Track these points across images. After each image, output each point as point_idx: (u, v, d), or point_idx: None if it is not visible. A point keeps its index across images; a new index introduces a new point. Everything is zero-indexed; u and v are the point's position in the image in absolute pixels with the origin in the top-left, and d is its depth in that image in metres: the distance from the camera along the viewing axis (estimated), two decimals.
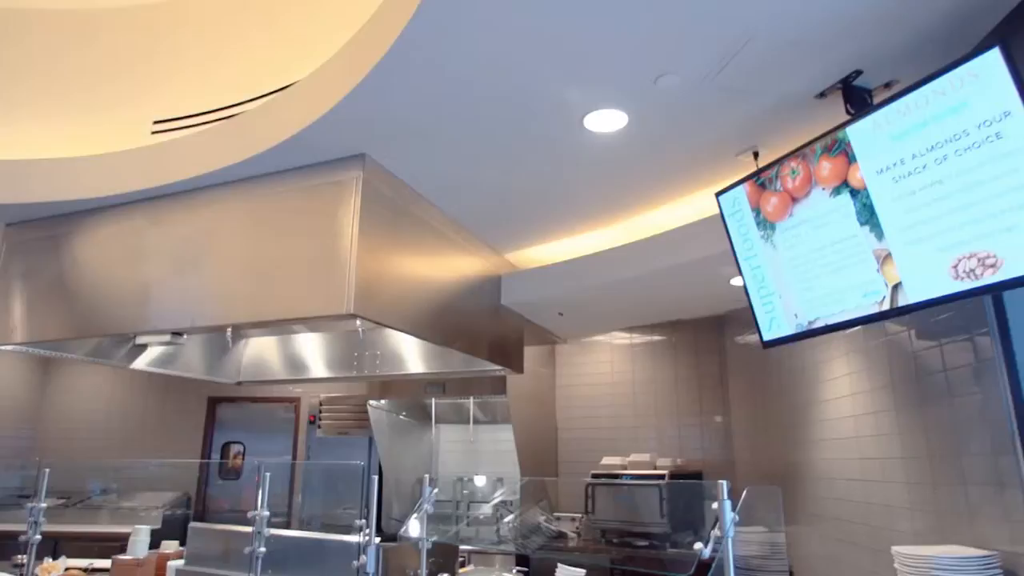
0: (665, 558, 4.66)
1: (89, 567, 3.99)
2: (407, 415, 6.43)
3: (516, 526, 5.23)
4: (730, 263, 3.63)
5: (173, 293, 3.35)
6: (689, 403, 6.03)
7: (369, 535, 2.89)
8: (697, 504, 5.45)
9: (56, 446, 7.65)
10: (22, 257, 3.91)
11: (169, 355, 4.73)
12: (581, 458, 6.25)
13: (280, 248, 3.11)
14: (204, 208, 3.40)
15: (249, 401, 7.52)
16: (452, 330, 3.77)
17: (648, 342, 6.29)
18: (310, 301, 2.95)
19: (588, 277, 4.15)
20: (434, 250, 3.66)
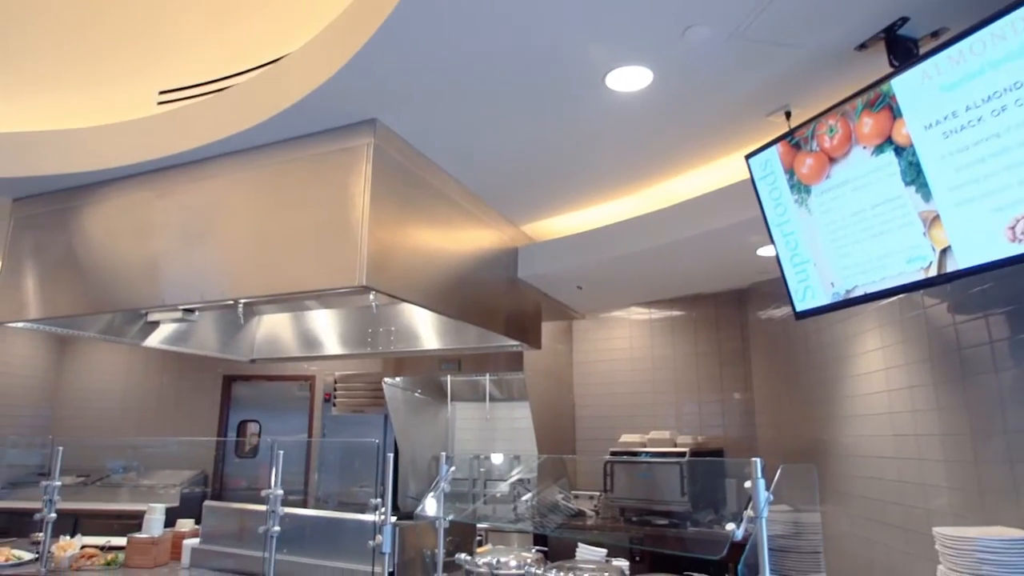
0: (695, 538, 4.55)
1: (106, 545, 3.95)
2: (422, 392, 6.35)
3: (534, 504, 5.15)
4: (758, 232, 3.49)
5: (181, 267, 3.25)
6: (709, 380, 5.91)
7: (385, 514, 2.81)
8: (719, 482, 5.35)
9: (73, 424, 7.69)
10: (30, 232, 3.83)
11: (182, 333, 4.67)
12: (599, 436, 6.17)
13: (289, 219, 3.00)
14: (211, 179, 3.29)
15: (264, 379, 7.50)
16: (468, 304, 3.65)
17: (667, 317, 6.16)
18: (321, 273, 2.84)
19: (608, 248, 4.00)
20: (448, 221, 3.54)
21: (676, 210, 3.69)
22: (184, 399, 7.63)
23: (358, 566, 3.18)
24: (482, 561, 3.11)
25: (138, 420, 7.60)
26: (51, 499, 3.73)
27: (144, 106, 3.67)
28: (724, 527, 4.74)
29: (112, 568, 3.67)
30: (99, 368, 7.82)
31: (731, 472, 5.42)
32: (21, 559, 3.81)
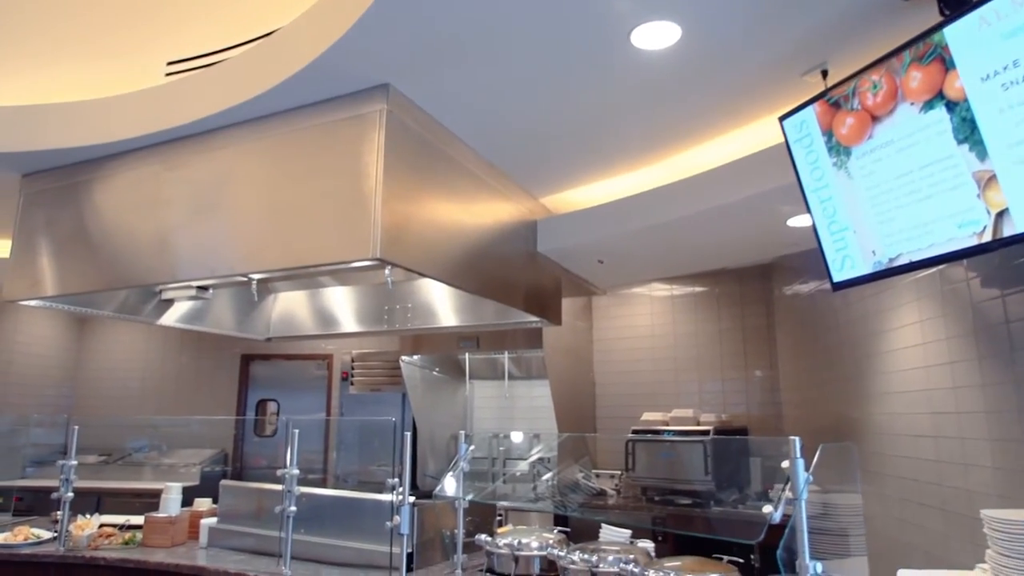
0: (728, 519, 4.44)
1: (125, 523, 3.93)
2: (440, 371, 6.28)
3: (554, 484, 5.07)
4: (789, 200, 3.33)
5: (191, 242, 3.17)
6: (733, 357, 5.77)
7: (403, 494, 2.72)
8: (743, 461, 5.24)
9: (94, 404, 7.73)
10: (40, 209, 3.76)
11: (197, 311, 4.61)
12: (619, 414, 6.07)
13: (300, 190, 2.89)
14: (220, 151, 3.19)
15: (281, 359, 7.48)
16: (486, 278, 3.53)
17: (689, 293, 6.01)
18: (334, 246, 2.73)
19: (631, 220, 3.86)
20: (465, 192, 3.41)
21: (702, 179, 3.53)
22: (203, 379, 7.64)
23: (376, 546, 3.11)
24: (503, 542, 3.02)
25: (157, 399, 7.62)
26: (67, 478, 3.71)
27: (152, 78, 3.57)
28: (751, 507, 4.63)
29: (130, 547, 3.64)
30: (118, 348, 7.85)
31: (755, 451, 5.31)
32: (40, 538, 3.80)
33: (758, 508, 4.57)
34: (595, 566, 2.61)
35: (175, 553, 3.50)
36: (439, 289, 4.54)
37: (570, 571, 2.70)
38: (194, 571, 3.22)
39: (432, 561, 3.24)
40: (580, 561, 2.66)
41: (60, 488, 3.69)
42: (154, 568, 3.32)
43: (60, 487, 3.70)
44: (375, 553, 3.10)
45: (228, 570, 3.13)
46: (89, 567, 3.45)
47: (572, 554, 2.72)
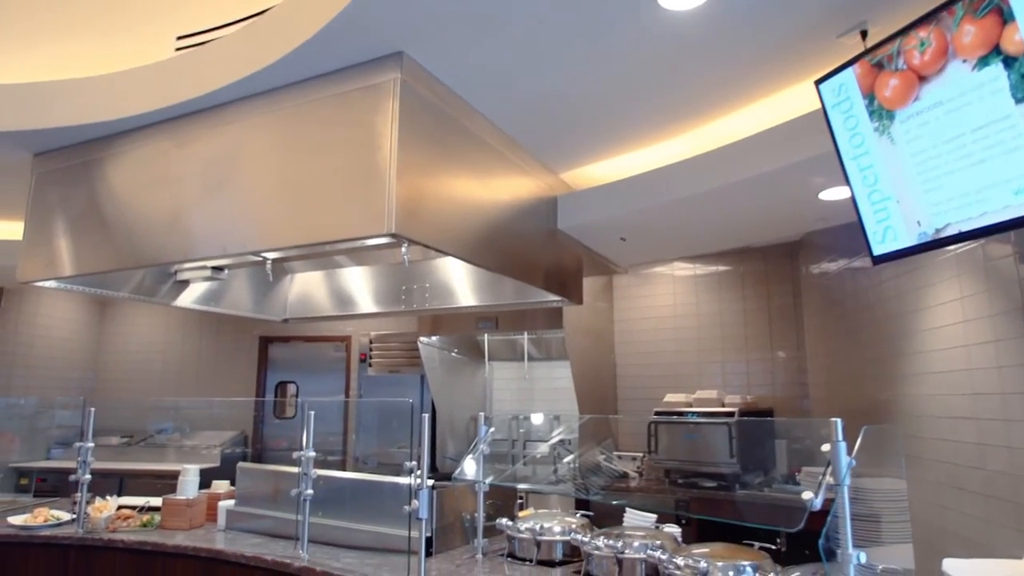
0: (764, 505, 4.33)
1: (145, 505, 3.90)
2: (459, 352, 6.20)
3: (576, 466, 4.99)
4: (822, 171, 3.18)
5: (201, 220, 3.09)
6: (758, 337, 5.63)
7: (421, 477, 2.64)
8: (768, 444, 5.12)
9: (114, 386, 7.78)
10: (52, 188, 3.71)
11: (214, 292, 4.56)
12: (641, 396, 5.97)
13: (312, 164, 2.79)
14: (230, 125, 3.10)
15: (300, 340, 7.46)
16: (505, 256, 3.42)
17: (713, 273, 5.86)
18: (347, 221, 2.63)
19: (654, 194, 3.72)
20: (484, 167, 3.29)
21: (730, 150, 3.39)
22: (222, 361, 7.64)
23: (395, 530, 3.05)
24: (524, 527, 2.94)
25: (177, 382, 7.65)
26: (84, 460, 3.69)
27: (162, 53, 3.48)
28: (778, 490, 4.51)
29: (148, 529, 3.61)
30: (139, 331, 7.87)
31: (781, 433, 5.19)
32: (59, 520, 3.78)
33: (785, 491, 4.49)
34: (620, 552, 2.52)
35: (193, 536, 3.47)
36: (457, 268, 4.45)
37: (594, 557, 2.61)
38: (211, 554, 3.18)
39: (452, 545, 3.17)
40: (605, 547, 2.57)
41: (78, 470, 3.67)
42: (171, 551, 3.28)
43: (77, 469, 3.67)
44: (394, 537, 3.04)
45: (245, 553, 3.08)
46: (107, 549, 3.43)
47: (596, 539, 2.63)
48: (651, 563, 2.45)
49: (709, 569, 2.18)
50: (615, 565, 2.53)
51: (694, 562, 2.21)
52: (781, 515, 4.18)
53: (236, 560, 3.09)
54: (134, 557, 3.37)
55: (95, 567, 3.44)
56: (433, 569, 2.79)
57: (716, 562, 2.23)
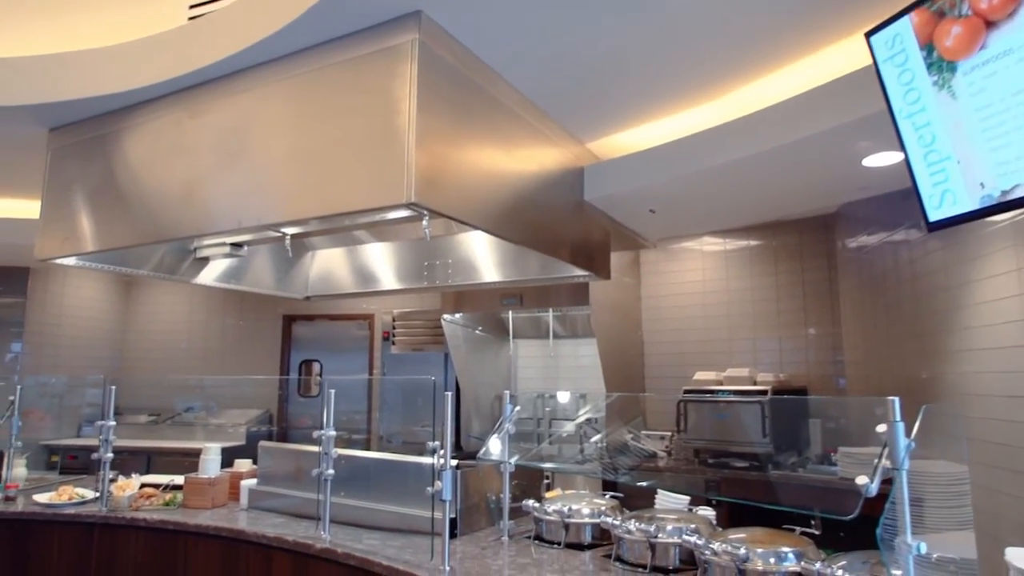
0: (811, 488, 4.18)
1: (168, 484, 3.87)
2: (483, 330, 6.10)
3: (603, 446, 4.88)
4: (868, 135, 2.99)
5: (216, 193, 2.99)
6: (791, 313, 5.45)
7: (444, 457, 2.54)
8: (802, 423, 4.96)
9: (140, 364, 7.82)
10: (68, 164, 3.64)
11: (235, 270, 4.50)
12: (669, 374, 5.84)
13: (328, 133, 2.67)
14: (243, 94, 2.98)
15: (323, 319, 7.42)
16: (530, 228, 3.28)
17: (744, 247, 5.68)
18: (364, 192, 2.51)
19: (686, 163, 3.54)
20: (508, 135, 3.14)
21: (768, 114, 3.20)
22: (246, 340, 7.65)
23: (418, 511, 2.96)
24: (552, 508, 2.84)
25: (202, 361, 7.66)
26: (107, 439, 3.65)
27: (176, 21, 3.37)
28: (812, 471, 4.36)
29: (170, 508, 3.58)
30: (164, 310, 7.90)
31: (815, 412, 5.03)
32: (84, 498, 3.77)
33: (820, 472, 4.34)
34: (653, 536, 2.40)
35: (215, 515, 3.42)
36: (480, 244, 4.32)
37: (625, 541, 2.50)
38: (233, 534, 3.13)
39: (477, 527, 3.08)
40: (636, 531, 2.45)
41: (100, 448, 3.64)
42: (193, 530, 3.24)
43: (100, 447, 3.64)
44: (417, 518, 2.95)
45: (266, 534, 3.02)
46: (130, 528, 3.40)
47: (627, 522, 2.51)
48: (686, 548, 2.33)
49: (749, 556, 2.05)
50: (647, 549, 2.42)
51: (733, 548, 2.08)
52: (817, 496, 4.04)
53: (257, 540, 3.04)
54: (156, 536, 3.34)
55: (118, 545, 3.42)
56: (458, 551, 2.70)
57: (756, 548, 2.11)
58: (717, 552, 2.14)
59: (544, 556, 2.65)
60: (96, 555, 3.45)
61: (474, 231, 4.28)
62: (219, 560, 3.16)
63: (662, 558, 2.41)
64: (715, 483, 4.67)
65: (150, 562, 3.34)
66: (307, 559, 2.86)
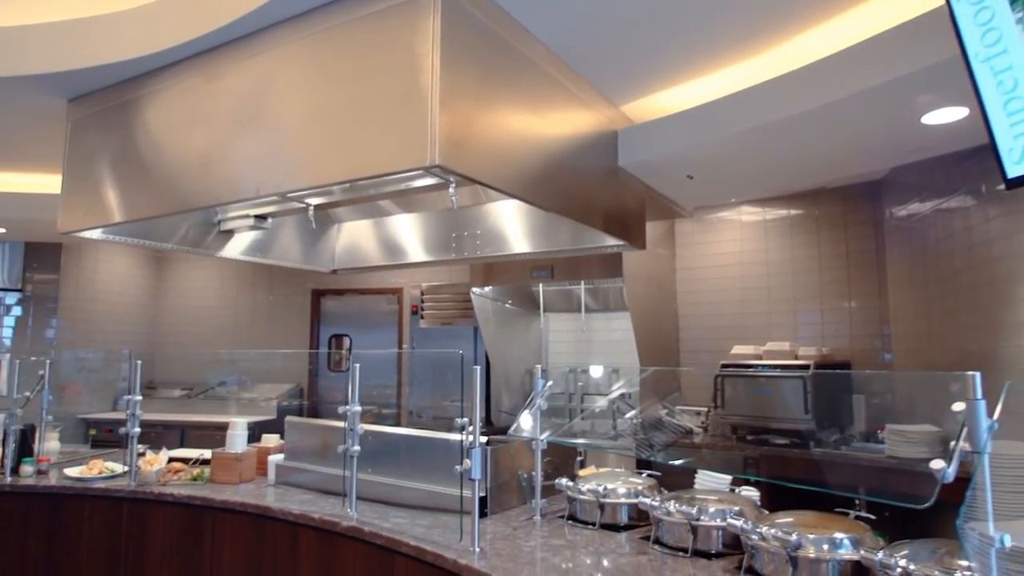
0: (875, 471, 4.00)
1: (198, 458, 3.84)
2: (513, 303, 5.97)
3: (637, 422, 4.73)
4: (931, 87, 2.76)
5: (234, 159, 2.88)
6: (834, 285, 5.22)
7: (473, 434, 2.42)
8: (845, 399, 4.76)
9: (173, 340, 7.88)
10: (87, 135, 3.56)
11: (261, 242, 4.42)
12: (705, 348, 5.67)
13: (348, 94, 2.53)
14: (260, 56, 2.85)
15: (352, 293, 7.37)
16: (562, 194, 3.11)
17: (784, 217, 5.44)
18: (386, 154, 2.37)
19: (727, 123, 3.32)
20: (538, 95, 2.97)
21: (817, 68, 2.97)
22: (275, 315, 7.65)
23: (447, 488, 2.86)
24: (586, 487, 2.71)
25: (233, 336, 7.69)
26: (133, 413, 3.61)
27: None
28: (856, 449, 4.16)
29: (198, 483, 3.54)
30: (194, 285, 7.93)
31: (859, 388, 4.83)
32: (114, 472, 3.76)
33: (866, 451, 4.14)
34: (695, 518, 2.26)
35: (242, 491, 3.37)
36: (509, 214, 4.17)
37: (664, 523, 2.36)
38: (259, 510, 3.07)
39: (508, 505, 2.98)
40: (677, 512, 2.31)
41: (127, 423, 3.61)
42: (219, 506, 3.19)
43: (127, 422, 3.61)
44: (446, 496, 2.85)
45: (292, 511, 2.95)
46: (158, 503, 3.37)
47: (667, 504, 2.38)
48: (730, 532, 2.18)
49: (801, 542, 1.90)
50: (688, 532, 2.28)
51: (784, 533, 1.93)
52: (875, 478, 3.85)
53: (284, 517, 2.97)
54: (184, 511, 3.30)
55: (147, 520, 3.39)
56: (488, 531, 2.59)
57: (807, 534, 1.95)
58: (765, 537, 2.00)
59: (578, 538, 2.53)
60: (125, 529, 3.43)
61: (503, 200, 4.13)
62: (246, 536, 3.11)
63: (704, 542, 2.27)
64: (754, 460, 4.51)
65: (177, 537, 3.31)
66: (333, 537, 2.78)
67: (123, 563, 3.41)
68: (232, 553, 3.15)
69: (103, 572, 3.44)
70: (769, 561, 1.99)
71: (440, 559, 2.32)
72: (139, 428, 3.63)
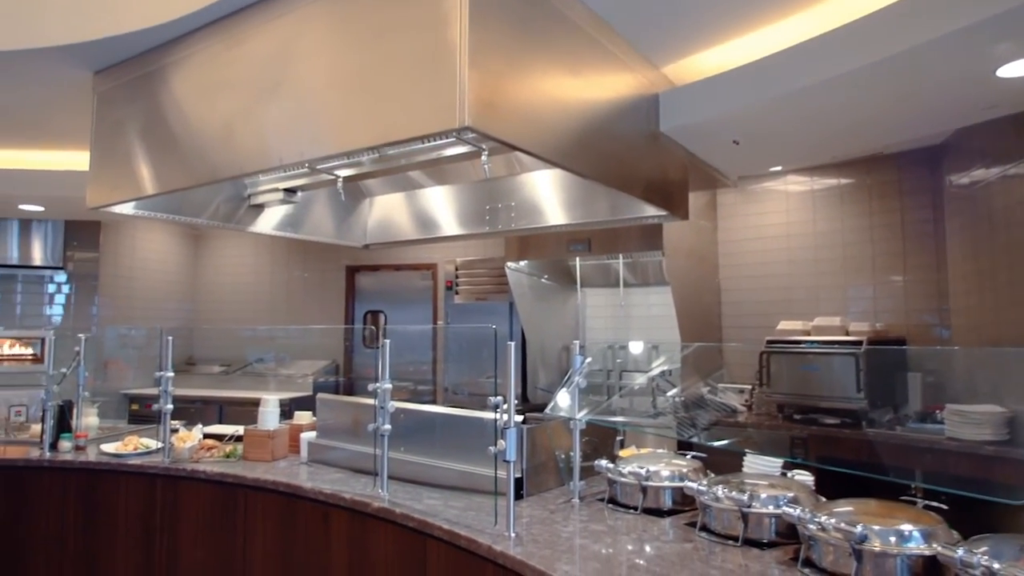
0: (889, 443, 3.81)
1: (233, 434, 3.81)
2: (549, 278, 5.82)
3: (679, 400, 4.57)
4: (1009, 35, 2.50)
5: (256, 128, 2.76)
6: (888, 257, 4.96)
7: (508, 412, 2.30)
8: (899, 377, 4.53)
9: (211, 316, 7.95)
10: (113, 107, 3.49)
11: (292, 217, 4.35)
12: (748, 323, 5.46)
13: (373, 53, 2.38)
14: (281, 19, 2.72)
15: (387, 269, 7.31)
16: (600, 160, 2.93)
17: (833, 186, 5.18)
18: (414, 116, 2.22)
19: (778, 82, 3.09)
20: (575, 55, 2.78)
21: (880, 16, 2.71)
22: (310, 292, 7.65)
23: (482, 469, 2.74)
24: (627, 469, 2.57)
25: (269, 312, 7.73)
26: (165, 390, 3.59)
27: None
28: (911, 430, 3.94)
29: (231, 460, 3.51)
30: (231, 262, 7.97)
31: (914, 365, 4.58)
32: (149, 448, 3.75)
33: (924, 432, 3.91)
34: (746, 505, 2.10)
35: (274, 469, 3.32)
36: (545, 184, 4.00)
37: (712, 509, 2.21)
38: (290, 489, 3.01)
39: (545, 486, 2.86)
40: (726, 498, 2.16)
41: (160, 400, 3.58)
42: (251, 484, 3.14)
43: (160, 399, 3.59)
44: (481, 477, 2.75)
45: (323, 490, 2.88)
46: (191, 480, 3.34)
47: (715, 488, 2.23)
48: (785, 520, 2.03)
49: (867, 534, 1.74)
50: (739, 520, 2.13)
51: (848, 525, 1.76)
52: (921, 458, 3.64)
53: (315, 497, 2.90)
54: (217, 488, 3.27)
55: (180, 497, 3.37)
56: (524, 515, 2.48)
57: (872, 525, 1.78)
58: (826, 527, 1.83)
59: (619, 523, 2.40)
60: (160, 505, 3.42)
61: (538, 170, 3.96)
62: (277, 515, 3.06)
63: (755, 530, 2.12)
64: (801, 440, 4.32)
65: (210, 514, 3.28)
66: (364, 518, 2.70)
67: (158, 538, 3.40)
68: (264, 531, 3.10)
69: (140, 547, 3.44)
70: (829, 553, 1.83)
71: (473, 544, 2.21)
72: (171, 405, 3.60)
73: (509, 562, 2.05)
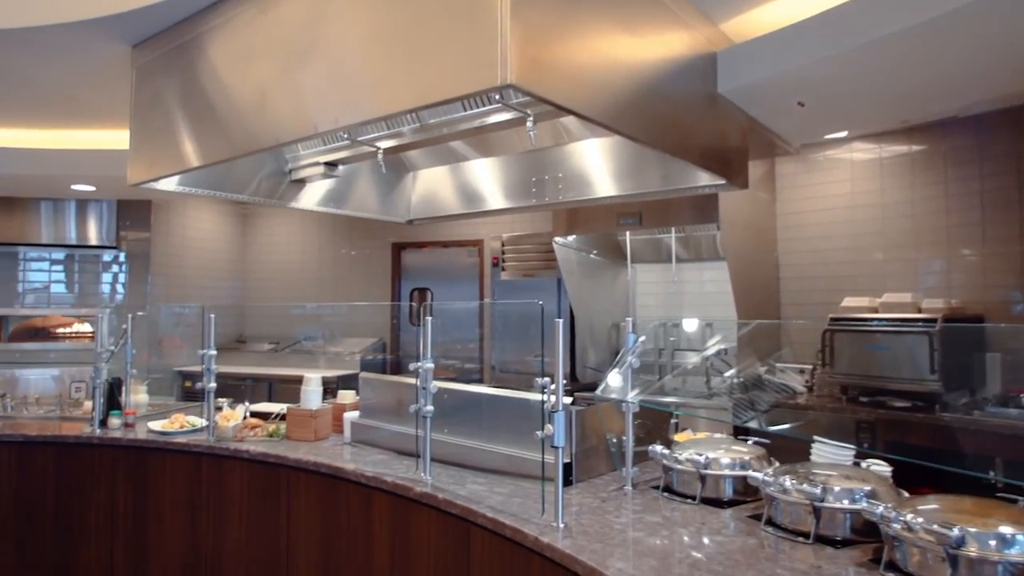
0: (987, 430, 3.53)
1: (279, 412, 3.78)
2: (598, 253, 5.62)
3: (737, 381, 4.35)
4: None
5: (289, 95, 2.64)
6: (964, 228, 4.59)
7: (556, 394, 2.14)
8: (978, 358, 4.21)
9: (260, 295, 8.01)
10: (151, 81, 3.43)
11: (334, 193, 4.27)
12: (809, 300, 5.17)
13: (407, 9, 2.21)
14: None
15: (433, 246, 7.23)
16: (656, 124, 2.71)
17: (903, 153, 4.81)
18: (452, 76, 2.06)
19: (851, 34, 2.81)
20: (626, 9, 2.56)
21: None
22: (357, 270, 7.63)
23: (529, 453, 2.60)
24: (684, 456, 2.39)
25: (317, 289, 7.75)
26: (208, 368, 3.55)
27: None
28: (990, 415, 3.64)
29: (274, 439, 3.46)
30: (278, 240, 8.00)
31: (994, 345, 4.25)
32: (195, 426, 3.73)
33: (1005, 417, 3.62)
34: (819, 499, 1.91)
35: (316, 449, 3.26)
36: (593, 153, 3.79)
37: (779, 502, 2.02)
38: (332, 471, 2.93)
39: (595, 472, 2.71)
40: (795, 491, 1.97)
41: (203, 378, 3.55)
42: (293, 464, 3.08)
43: (204, 377, 3.56)
44: (528, 461, 2.61)
45: (365, 473, 2.79)
46: (234, 459, 3.30)
47: (782, 479, 2.04)
48: (863, 517, 1.83)
49: (965, 538, 1.53)
50: (809, 514, 1.94)
51: (941, 527, 1.56)
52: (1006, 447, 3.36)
53: (356, 479, 2.82)
54: (259, 467, 3.22)
55: (224, 475, 3.34)
56: (573, 503, 2.33)
57: (969, 526, 1.57)
58: (913, 528, 1.63)
59: (676, 514, 2.23)
60: (205, 483, 3.40)
61: (586, 139, 3.76)
62: (319, 496, 2.99)
63: (828, 526, 1.92)
64: (868, 424, 4.06)
65: (253, 493, 3.24)
66: (407, 503, 2.60)
67: (204, 517, 3.38)
68: (307, 512, 3.04)
69: (187, 525, 3.43)
70: (916, 555, 1.63)
71: (519, 535, 2.08)
72: (214, 383, 3.57)
73: (557, 555, 1.91)
